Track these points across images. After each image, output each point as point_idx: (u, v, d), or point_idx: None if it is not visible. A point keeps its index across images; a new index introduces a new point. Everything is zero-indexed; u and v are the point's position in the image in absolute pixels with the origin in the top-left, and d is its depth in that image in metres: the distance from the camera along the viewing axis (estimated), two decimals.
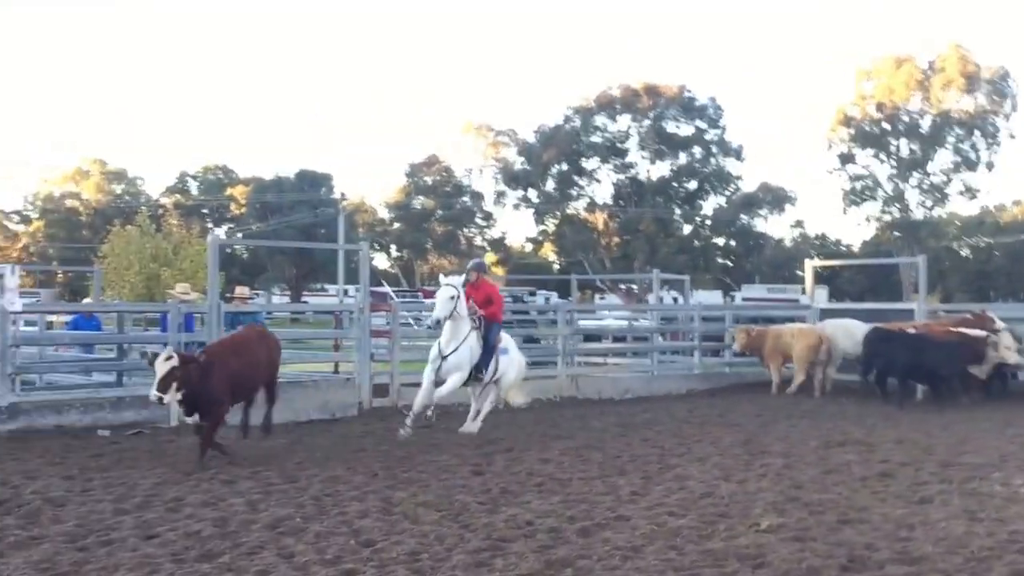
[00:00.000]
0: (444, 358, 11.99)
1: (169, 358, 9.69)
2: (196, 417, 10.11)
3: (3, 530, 7.13)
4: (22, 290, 20.62)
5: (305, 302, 65.23)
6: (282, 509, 7.85)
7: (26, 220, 78.80)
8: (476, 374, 12.31)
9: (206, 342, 12.76)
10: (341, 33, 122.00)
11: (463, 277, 12.45)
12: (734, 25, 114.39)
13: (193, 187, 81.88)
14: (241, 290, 18.12)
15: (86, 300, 27.59)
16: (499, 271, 71.43)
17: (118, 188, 79.34)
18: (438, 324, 11.85)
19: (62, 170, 79.78)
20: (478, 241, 79.68)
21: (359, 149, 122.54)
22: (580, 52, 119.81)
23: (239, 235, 66.30)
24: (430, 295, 48.36)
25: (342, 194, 77.22)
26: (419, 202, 77.95)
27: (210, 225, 68.24)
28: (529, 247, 76.19)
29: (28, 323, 17.72)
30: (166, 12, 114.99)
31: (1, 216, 78.34)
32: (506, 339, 13.09)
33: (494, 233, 79.01)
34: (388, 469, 9.69)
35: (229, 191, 79.33)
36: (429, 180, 77.75)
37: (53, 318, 20.24)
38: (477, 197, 76.44)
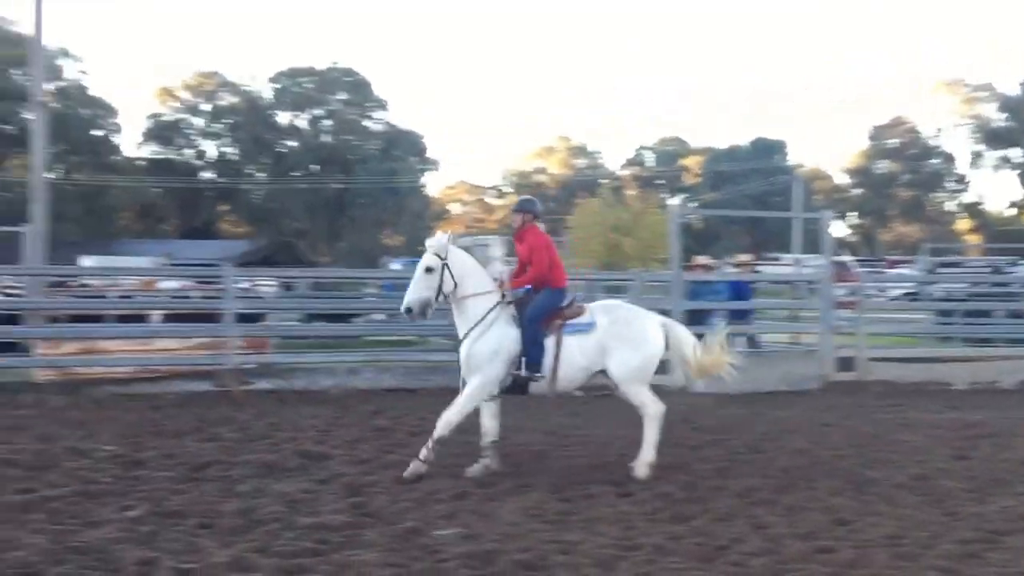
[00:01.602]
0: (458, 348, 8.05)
1: None
2: None
3: (496, 477, 7.86)
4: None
5: (758, 271, 64.60)
6: (749, 479, 7.86)
7: (501, 194, 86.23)
8: (523, 373, 7.93)
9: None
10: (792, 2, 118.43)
11: (445, 237, 8.01)
12: None
13: (649, 159, 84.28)
14: (703, 259, 18.31)
15: None
16: (974, 238, 65.71)
17: (581, 162, 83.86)
18: (409, 314, 7.82)
19: (531, 147, 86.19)
20: (948, 206, 73.85)
21: (814, 115, 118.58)
22: None
23: (693, 204, 67.22)
24: (894, 264, 45.70)
25: (797, 161, 75.40)
26: (882, 166, 73.82)
27: (666, 195, 69.90)
28: (1011, 212, 69.09)
29: None
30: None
31: (481, 191, 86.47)
32: (600, 308, 8.28)
33: (968, 197, 72.73)
34: (857, 447, 9.32)
35: (683, 162, 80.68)
36: (893, 143, 73.34)
37: None
38: (948, 159, 70.83)
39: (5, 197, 48.89)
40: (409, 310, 7.72)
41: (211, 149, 64.82)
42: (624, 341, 8.01)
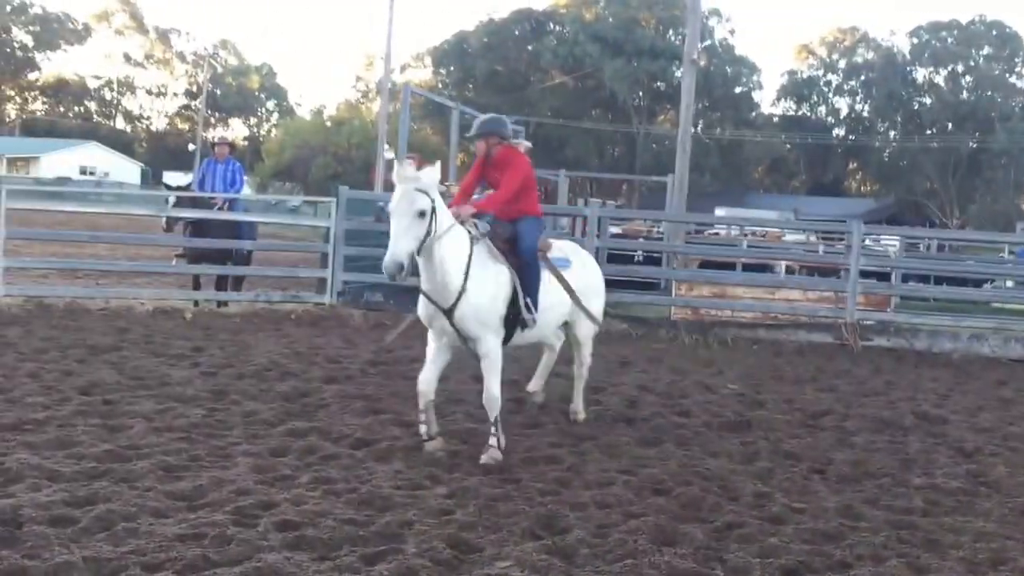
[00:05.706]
0: (447, 313, 6.29)
1: None
2: None
3: None
4: None
5: None
6: None
7: None
8: (523, 318, 6.59)
9: None
10: None
11: (433, 169, 6.36)
12: None
13: None
14: None
15: None
16: None
17: None
18: (400, 273, 5.84)
19: None
20: None
21: None
22: None
23: None
24: None
25: None
26: None
27: None
28: None
29: None
30: None
31: None
32: (566, 247, 7.44)
33: None
34: None
35: None
36: None
37: None
38: None
39: (653, 149, 53.83)
40: (401, 267, 5.84)
41: (843, 106, 64.69)
42: (593, 288, 7.44)
